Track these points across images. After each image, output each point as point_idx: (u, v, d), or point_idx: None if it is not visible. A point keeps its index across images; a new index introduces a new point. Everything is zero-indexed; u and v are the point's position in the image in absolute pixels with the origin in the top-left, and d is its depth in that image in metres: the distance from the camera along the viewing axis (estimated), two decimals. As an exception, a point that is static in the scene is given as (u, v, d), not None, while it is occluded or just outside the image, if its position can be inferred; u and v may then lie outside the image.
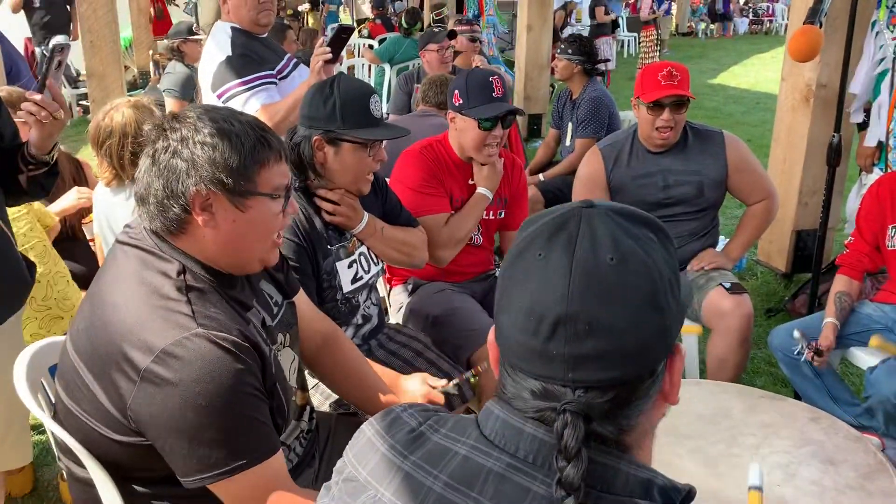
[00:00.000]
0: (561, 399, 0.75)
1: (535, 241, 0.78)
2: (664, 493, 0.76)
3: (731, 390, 2.12)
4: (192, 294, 1.25)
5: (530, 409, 0.77)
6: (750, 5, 20.04)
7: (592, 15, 11.32)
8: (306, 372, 1.77)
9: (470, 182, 2.55)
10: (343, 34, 2.64)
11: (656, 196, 2.77)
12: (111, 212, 2.57)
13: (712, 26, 18.39)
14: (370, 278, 2.16)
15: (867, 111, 3.45)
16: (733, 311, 2.58)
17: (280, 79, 2.74)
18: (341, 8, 13.69)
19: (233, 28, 2.73)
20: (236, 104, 2.61)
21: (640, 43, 11.43)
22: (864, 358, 2.51)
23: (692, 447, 1.82)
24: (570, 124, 4.49)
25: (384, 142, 2.04)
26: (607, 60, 9.08)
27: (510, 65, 8.69)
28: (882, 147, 3.33)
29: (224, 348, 1.20)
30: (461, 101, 2.42)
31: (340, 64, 8.43)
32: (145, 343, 1.19)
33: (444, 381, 1.81)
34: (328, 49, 2.57)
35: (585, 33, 10.76)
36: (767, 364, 3.28)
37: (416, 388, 1.79)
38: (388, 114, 4.93)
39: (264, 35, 2.82)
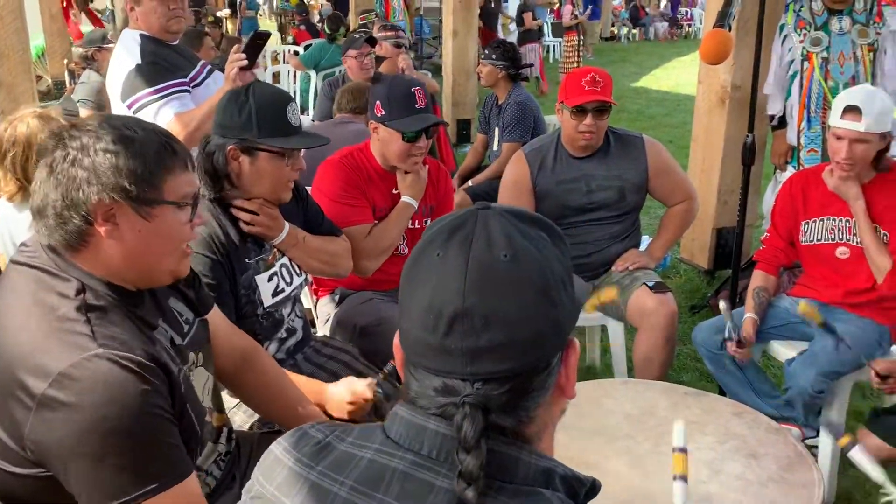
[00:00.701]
0: (461, 393, 0.77)
1: (434, 242, 0.81)
2: (566, 482, 0.79)
3: (657, 388, 2.16)
4: (91, 314, 1.19)
5: (433, 407, 0.79)
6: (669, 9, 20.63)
7: (520, 21, 11.46)
8: (225, 391, 1.71)
9: (394, 191, 2.51)
10: (258, 40, 2.58)
11: (580, 201, 2.80)
12: (15, 228, 2.43)
13: (634, 30, 18.87)
14: (292, 290, 2.10)
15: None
16: (657, 310, 2.63)
17: (193, 86, 2.66)
18: (259, 13, 13.50)
19: (142, 35, 2.63)
20: (148, 114, 2.51)
21: (562, 48, 11.60)
22: (783, 351, 2.59)
23: (620, 448, 1.84)
24: (496, 129, 4.53)
25: (302, 150, 1.99)
26: (531, 65, 9.18)
27: (437, 69, 8.71)
28: (794, 146, 3.45)
29: (127, 368, 1.13)
30: (383, 113, 2.38)
31: (265, 70, 8.28)
32: (41, 367, 1.12)
33: (369, 380, 1.77)
34: (243, 55, 2.50)
35: (513, 38, 10.88)
36: (693, 360, 3.35)
37: (342, 392, 1.75)
38: (313, 120, 4.86)
39: (175, 42, 2.73)
